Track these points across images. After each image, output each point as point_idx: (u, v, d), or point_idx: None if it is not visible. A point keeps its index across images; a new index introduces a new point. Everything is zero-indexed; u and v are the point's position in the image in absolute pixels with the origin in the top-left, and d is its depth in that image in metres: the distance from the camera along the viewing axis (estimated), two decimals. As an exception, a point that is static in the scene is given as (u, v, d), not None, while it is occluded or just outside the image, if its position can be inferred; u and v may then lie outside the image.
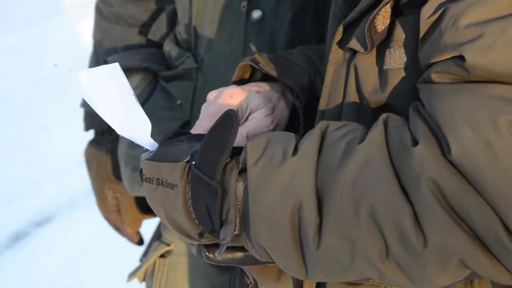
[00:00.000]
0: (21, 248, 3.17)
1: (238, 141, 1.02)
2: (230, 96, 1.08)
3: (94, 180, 1.74)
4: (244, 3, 1.39)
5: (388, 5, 0.89)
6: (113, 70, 0.99)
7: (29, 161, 3.69)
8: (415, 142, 0.82)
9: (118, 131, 1.00)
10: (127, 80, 0.99)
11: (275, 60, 1.13)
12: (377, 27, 0.90)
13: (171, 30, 1.59)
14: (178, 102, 1.52)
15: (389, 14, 0.90)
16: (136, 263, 1.71)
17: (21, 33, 4.68)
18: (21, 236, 3.23)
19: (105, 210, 1.73)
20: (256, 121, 1.08)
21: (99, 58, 1.69)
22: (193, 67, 1.49)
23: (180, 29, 1.53)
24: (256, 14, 1.39)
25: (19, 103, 4.12)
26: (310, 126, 1.07)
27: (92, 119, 1.68)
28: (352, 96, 0.96)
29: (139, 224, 1.73)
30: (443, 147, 0.79)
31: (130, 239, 1.76)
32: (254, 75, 1.16)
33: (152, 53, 1.60)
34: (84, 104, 1.68)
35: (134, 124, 0.99)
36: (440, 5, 0.84)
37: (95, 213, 3.20)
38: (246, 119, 1.09)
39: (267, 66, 1.11)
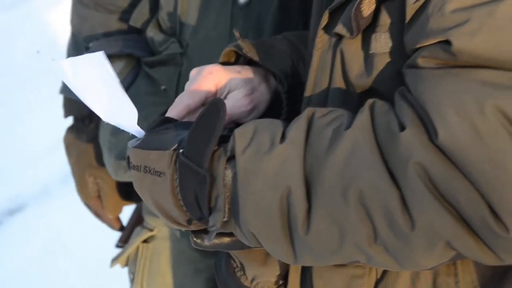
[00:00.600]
0: (-6, 236, 3.16)
1: None
2: (210, 73, 1.09)
3: (74, 166, 1.73)
4: None
5: None
6: (98, 58, 0.99)
7: (1, 148, 3.66)
8: (402, 127, 0.83)
9: (104, 119, 1.00)
10: (112, 68, 0.99)
11: (259, 45, 1.14)
12: (363, 12, 0.90)
13: (153, 16, 1.58)
14: (163, 87, 1.52)
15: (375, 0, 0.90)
16: (111, 250, 1.72)
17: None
18: (-6, 224, 3.22)
19: (86, 196, 1.73)
20: (234, 100, 1.09)
21: (78, 45, 1.68)
22: (178, 52, 1.49)
23: (164, 15, 1.53)
24: None
25: (-11, 91, 4.09)
26: (292, 110, 1.09)
27: (71, 105, 1.67)
28: (338, 81, 0.97)
29: (119, 210, 1.74)
30: (430, 132, 0.81)
31: (111, 225, 1.77)
32: (239, 61, 1.16)
33: (134, 39, 1.60)
34: (64, 91, 1.67)
35: (120, 112, 0.99)
36: None
37: (69, 200, 3.20)
38: (225, 98, 1.09)
39: (250, 51, 1.12)
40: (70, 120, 1.75)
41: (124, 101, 0.99)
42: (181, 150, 0.93)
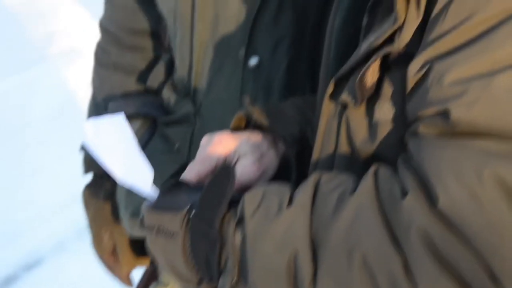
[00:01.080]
0: (12, 292, 3.19)
1: None
2: (220, 142, 1.14)
3: (91, 221, 1.79)
4: (242, 50, 1.46)
5: (377, 61, 0.93)
6: (119, 120, 1.06)
7: (16, 205, 3.72)
8: (405, 193, 0.86)
9: (120, 181, 1.06)
10: (132, 130, 1.05)
11: (268, 111, 1.19)
12: (366, 81, 0.94)
13: (168, 77, 1.66)
14: (176, 146, 1.59)
15: (378, 69, 0.94)
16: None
17: (6, 81, 4.73)
18: (12, 280, 3.25)
19: (101, 251, 1.78)
20: (243, 167, 1.12)
21: (97, 105, 1.76)
22: (191, 111, 1.56)
23: (178, 76, 1.60)
24: (253, 61, 1.46)
25: (6, 149, 4.15)
26: (301, 174, 1.13)
27: (91, 161, 1.73)
28: (344, 147, 1.00)
29: (134, 266, 1.79)
30: (432, 198, 0.83)
31: (123, 280, 1.81)
32: (250, 124, 1.21)
33: (150, 99, 1.68)
34: (84, 147, 1.74)
35: (136, 173, 1.05)
36: (426, 62, 0.88)
37: (84, 255, 3.25)
38: (234, 165, 1.13)
39: (259, 117, 1.17)
40: (85, 177, 1.81)
41: (141, 163, 1.05)
42: (193, 212, 0.98)
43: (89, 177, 1.80)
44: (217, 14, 1.48)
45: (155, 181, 1.07)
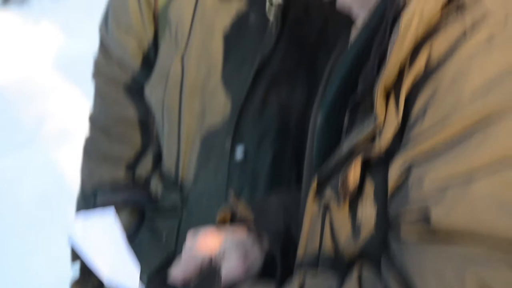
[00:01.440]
0: None
1: None
2: (205, 240, 1.15)
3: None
4: (228, 143, 1.49)
5: (358, 162, 0.96)
6: (108, 217, 1.07)
7: (5, 286, 3.69)
8: None
9: (107, 277, 1.06)
10: (119, 228, 1.06)
11: (253, 206, 1.21)
12: (349, 182, 0.96)
13: (156, 168, 1.68)
14: (164, 237, 1.60)
15: (359, 169, 0.96)
16: None
17: (-4, 163, 4.74)
18: None
19: None
20: (228, 265, 1.13)
21: (86, 196, 1.77)
22: (178, 203, 1.58)
23: (166, 167, 1.62)
24: (239, 154, 1.48)
25: (-5, 230, 4.15)
26: (287, 269, 1.14)
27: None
28: (328, 245, 1.02)
29: None
30: None
31: None
32: (235, 218, 1.23)
33: (138, 190, 1.69)
34: (71, 240, 1.75)
35: (123, 270, 1.05)
36: (406, 165, 0.90)
37: None
38: (220, 261, 1.13)
39: (244, 213, 1.19)
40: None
41: (128, 260, 1.06)
42: None
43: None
44: (203, 107, 1.51)
45: (143, 272, 1.07)
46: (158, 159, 1.69)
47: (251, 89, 1.47)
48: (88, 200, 1.73)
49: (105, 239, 1.07)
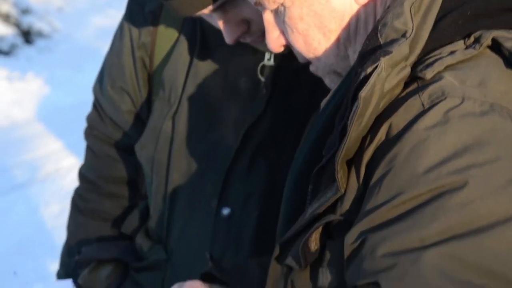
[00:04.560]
0: None
1: None
2: None
3: None
4: (215, 200, 1.52)
5: (320, 228, 0.99)
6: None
7: None
8: None
9: None
10: None
11: (233, 270, 1.24)
12: (310, 247, 1.00)
13: (142, 224, 1.72)
14: (147, 291, 1.62)
15: (320, 235, 0.99)
16: None
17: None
18: None
19: None
20: None
21: (71, 249, 1.79)
22: (163, 258, 1.60)
23: (152, 223, 1.66)
24: (226, 211, 1.52)
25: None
26: None
27: None
28: None
29: None
30: None
31: None
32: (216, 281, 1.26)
33: (123, 245, 1.72)
34: (60, 276, 1.78)
35: None
36: (361, 233, 0.92)
37: None
38: None
39: (222, 276, 1.22)
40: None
41: None
42: None
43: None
44: (191, 166, 1.55)
45: None
46: (144, 215, 1.72)
47: (238, 151, 1.51)
48: (72, 253, 1.75)
49: None
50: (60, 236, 3.85)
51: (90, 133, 1.78)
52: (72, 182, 2.03)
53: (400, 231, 0.89)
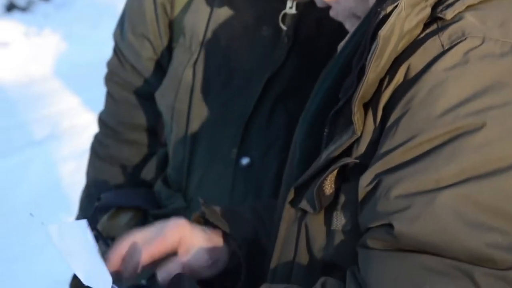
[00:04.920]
0: None
1: (175, 270, 1.12)
2: (176, 226, 1.18)
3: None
4: (234, 150, 1.53)
5: (335, 171, 0.98)
6: (81, 226, 1.08)
7: (-4, 291, 3.70)
8: None
9: (83, 281, 1.06)
10: (92, 237, 1.07)
11: (225, 212, 1.23)
12: (325, 190, 0.99)
13: (161, 172, 1.72)
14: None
15: (335, 179, 0.99)
16: None
17: (-7, 165, 4.75)
18: None
19: None
20: (195, 254, 1.17)
21: (91, 195, 1.80)
22: (182, 206, 1.61)
23: (171, 172, 1.66)
24: (245, 161, 1.52)
25: (-13, 233, 4.15)
26: (251, 275, 1.18)
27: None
28: (303, 253, 1.04)
29: None
30: None
31: None
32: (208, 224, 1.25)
33: (142, 192, 1.73)
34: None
35: (97, 277, 1.06)
36: (376, 176, 0.92)
37: None
38: (188, 251, 1.17)
39: (212, 217, 1.21)
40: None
41: (101, 268, 1.07)
42: None
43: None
44: (211, 114, 1.54)
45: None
46: (163, 163, 1.72)
47: (259, 100, 1.51)
48: (92, 199, 1.76)
49: (79, 246, 1.07)
50: (76, 192, 3.87)
51: (110, 79, 1.78)
52: (88, 139, 2.03)
53: (415, 173, 0.89)
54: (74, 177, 4.43)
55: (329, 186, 0.99)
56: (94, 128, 1.87)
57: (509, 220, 0.87)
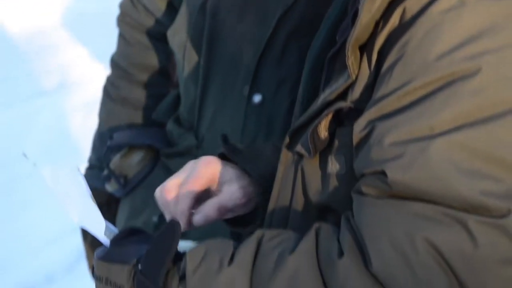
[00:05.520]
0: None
1: (211, 212, 1.11)
2: (208, 163, 1.16)
3: (88, 249, 1.83)
4: (246, 87, 1.53)
5: (330, 115, 0.97)
6: (73, 171, 1.07)
7: (6, 237, 3.73)
8: (342, 254, 0.87)
9: (77, 222, 1.08)
10: (85, 182, 1.06)
11: (247, 151, 1.21)
12: (320, 134, 0.98)
13: (174, 111, 1.73)
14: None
15: (329, 123, 0.98)
16: None
17: (1, 114, 4.77)
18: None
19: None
20: (230, 193, 1.14)
21: (103, 136, 1.81)
22: (194, 144, 1.62)
23: (183, 111, 1.67)
24: (257, 98, 1.53)
25: (-1, 180, 4.18)
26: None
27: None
28: (299, 196, 1.04)
29: None
30: (366, 260, 0.85)
31: None
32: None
33: (154, 131, 1.74)
34: (91, 161, 1.82)
35: (89, 221, 1.06)
36: (370, 122, 0.90)
37: (73, 288, 3.25)
38: (221, 187, 1.15)
39: (230, 153, 1.19)
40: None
41: (94, 213, 1.06)
42: (139, 266, 0.98)
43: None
44: (224, 52, 1.54)
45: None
46: (176, 103, 1.73)
47: (271, 38, 1.50)
48: (104, 139, 1.77)
49: (71, 189, 1.07)
50: (84, 143, 3.89)
51: (123, 20, 1.78)
52: (97, 90, 2.04)
53: (409, 120, 0.87)
54: (83, 127, 4.45)
55: (324, 130, 0.98)
56: (103, 79, 1.88)
57: (503, 167, 0.85)
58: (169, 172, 1.65)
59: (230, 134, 1.53)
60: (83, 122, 4.44)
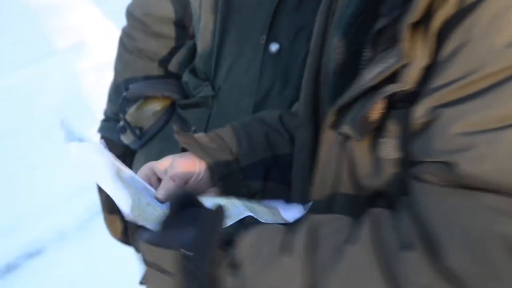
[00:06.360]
0: (12, 279, 3.22)
1: (167, 184, 1.13)
2: (180, 156, 1.20)
3: (104, 203, 1.83)
4: (264, 36, 1.51)
5: (382, 100, 0.91)
6: (98, 147, 1.07)
7: (19, 196, 3.75)
8: (408, 246, 0.84)
9: (108, 192, 1.06)
10: (111, 156, 1.07)
11: (208, 137, 1.23)
12: (370, 117, 0.92)
13: (190, 62, 1.72)
14: (193, 128, 1.64)
15: (382, 105, 0.92)
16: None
17: (14, 74, 4.77)
18: (12, 268, 3.28)
19: (114, 232, 1.82)
20: (174, 165, 1.17)
21: (118, 88, 1.81)
22: (210, 95, 1.61)
23: (199, 61, 1.66)
24: (274, 47, 1.51)
25: (10, 142, 4.19)
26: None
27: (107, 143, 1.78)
28: (346, 180, 0.99)
29: None
30: (437, 254, 0.82)
31: None
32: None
33: (170, 82, 1.73)
34: (107, 113, 1.82)
35: (116, 196, 1.04)
36: (431, 109, 0.86)
37: (84, 246, 3.28)
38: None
39: (183, 141, 1.22)
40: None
41: (120, 187, 1.05)
42: (186, 252, 0.94)
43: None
44: (241, 1, 1.52)
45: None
46: (192, 54, 1.72)
47: None
48: (120, 91, 1.76)
49: (98, 165, 1.06)
50: (95, 103, 3.88)
51: None
52: (110, 50, 2.02)
53: (476, 109, 0.82)
54: (94, 88, 4.45)
55: (375, 113, 0.92)
56: (115, 40, 1.87)
57: None
58: (185, 123, 1.66)
59: (246, 83, 1.54)
60: (96, 82, 4.44)
